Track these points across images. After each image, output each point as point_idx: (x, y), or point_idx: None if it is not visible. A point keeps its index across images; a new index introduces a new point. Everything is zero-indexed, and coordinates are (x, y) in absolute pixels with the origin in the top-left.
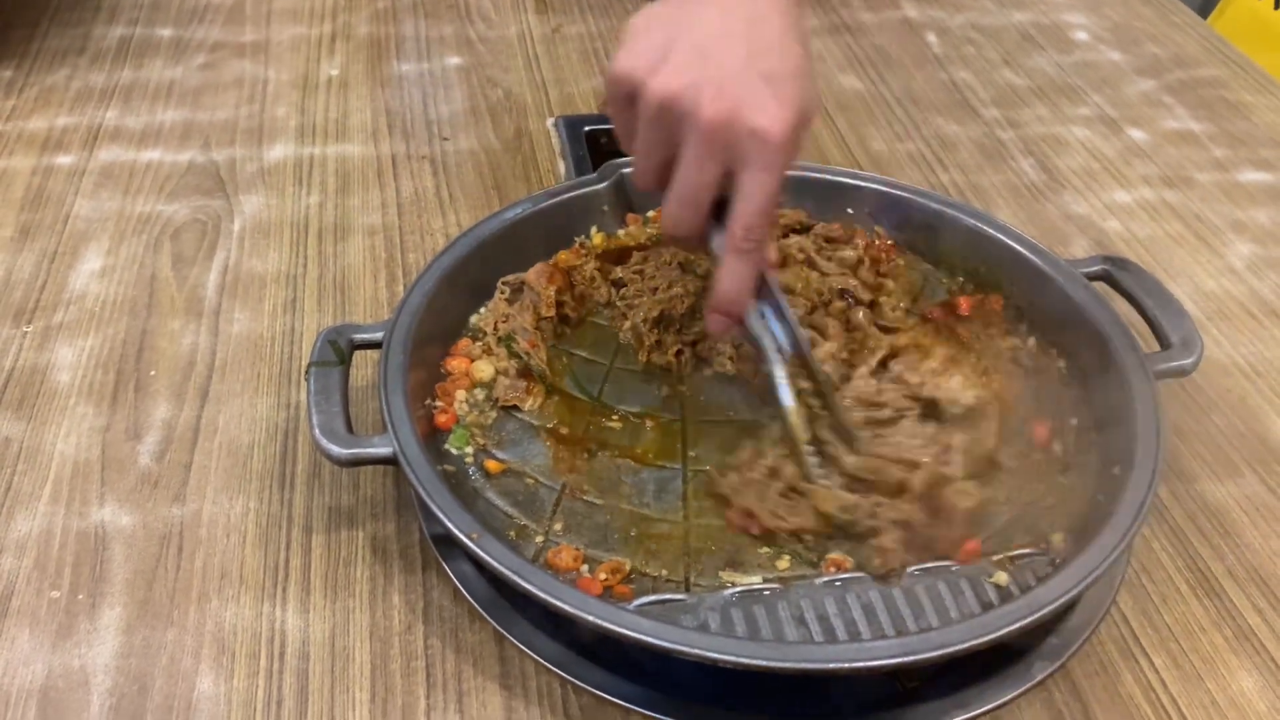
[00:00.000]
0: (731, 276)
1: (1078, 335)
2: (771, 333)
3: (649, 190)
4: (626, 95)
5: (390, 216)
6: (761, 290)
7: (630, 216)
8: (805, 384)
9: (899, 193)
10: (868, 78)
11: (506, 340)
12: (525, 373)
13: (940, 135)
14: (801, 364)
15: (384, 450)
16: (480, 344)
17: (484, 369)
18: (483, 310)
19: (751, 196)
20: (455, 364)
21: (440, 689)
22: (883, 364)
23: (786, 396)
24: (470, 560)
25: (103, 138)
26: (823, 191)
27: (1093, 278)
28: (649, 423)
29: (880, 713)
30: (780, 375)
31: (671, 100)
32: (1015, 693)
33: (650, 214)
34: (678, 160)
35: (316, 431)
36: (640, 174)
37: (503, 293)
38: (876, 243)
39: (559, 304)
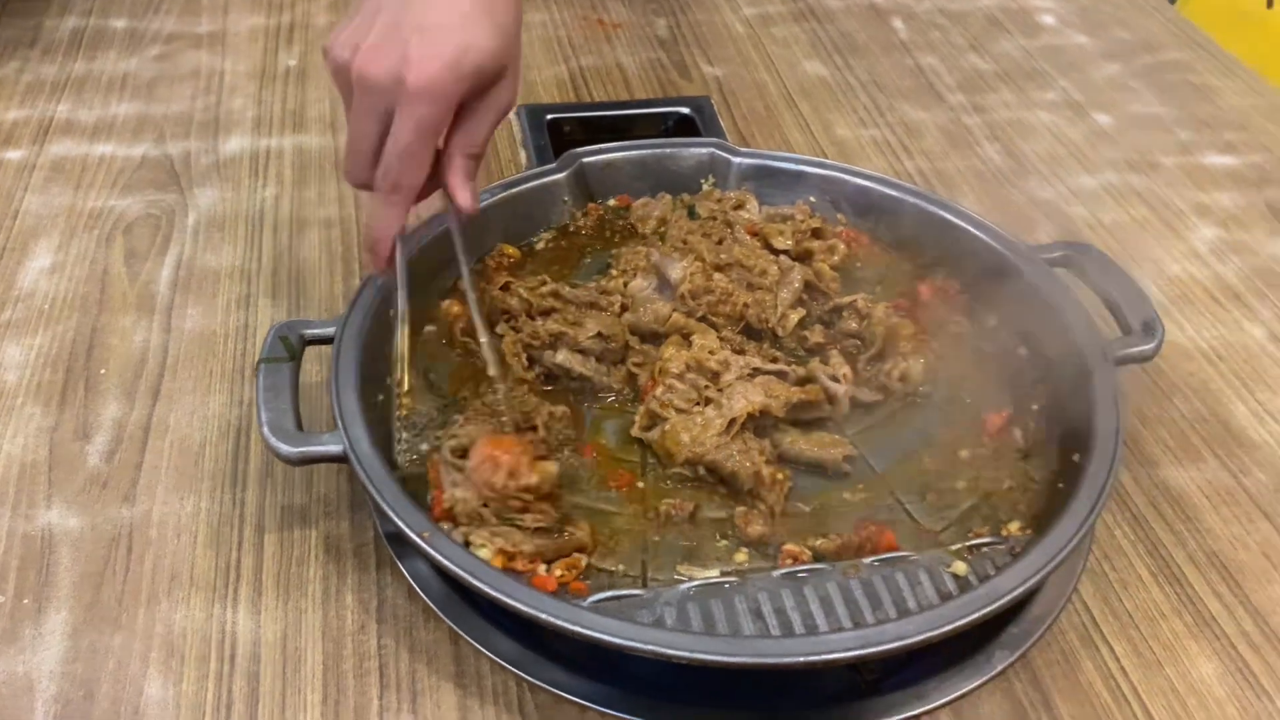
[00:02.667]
0: (373, 217)
1: (1039, 321)
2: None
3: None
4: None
5: (348, 209)
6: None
7: (591, 206)
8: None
9: (860, 180)
10: (833, 64)
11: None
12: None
13: (906, 121)
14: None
15: (334, 448)
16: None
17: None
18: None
19: (393, 141)
20: None
21: (394, 689)
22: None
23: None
24: (424, 559)
25: (54, 132)
26: (784, 179)
27: (1055, 264)
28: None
29: (840, 705)
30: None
31: (338, 67)
32: (975, 684)
33: (612, 200)
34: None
35: (265, 429)
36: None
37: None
38: (842, 230)
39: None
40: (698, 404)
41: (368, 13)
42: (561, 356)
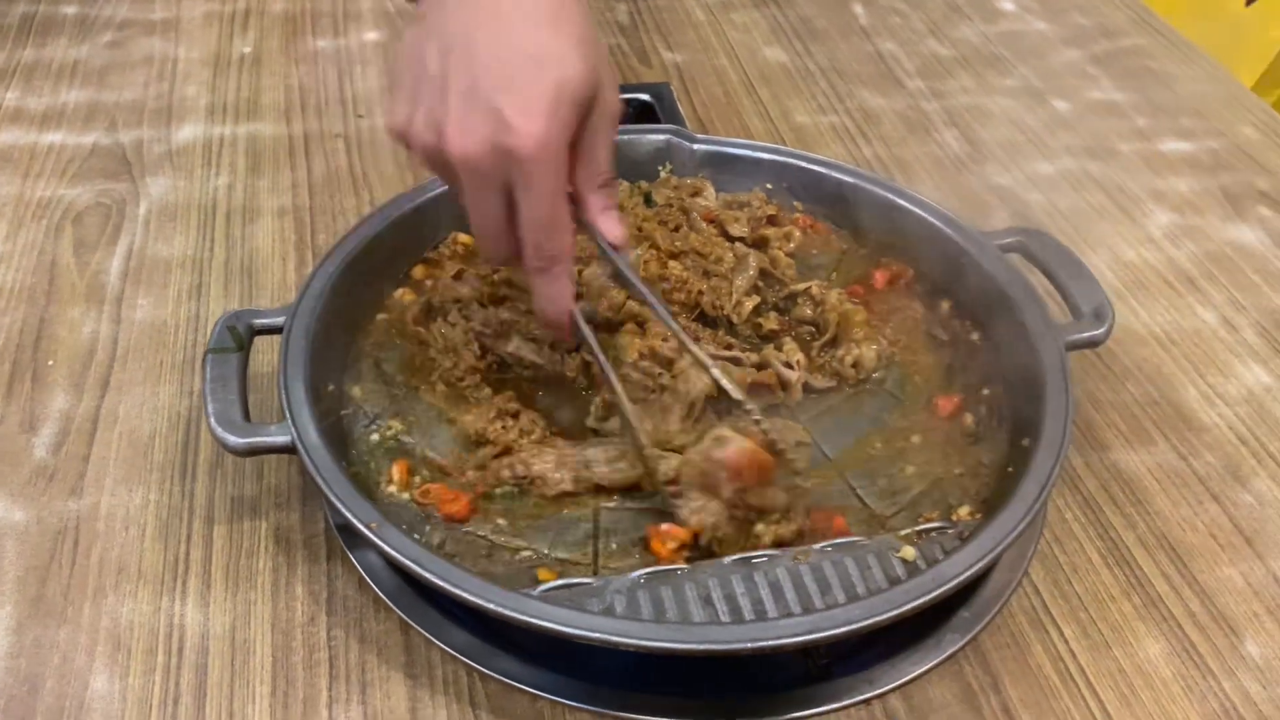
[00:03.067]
0: (540, 296)
1: (991, 307)
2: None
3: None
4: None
5: (301, 197)
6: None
7: None
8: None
9: (816, 167)
10: (793, 49)
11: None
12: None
13: (864, 108)
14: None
15: (282, 439)
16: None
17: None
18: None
19: (527, 216)
20: None
21: (343, 680)
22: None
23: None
24: (376, 551)
25: (1, 120)
26: (742, 166)
27: (1007, 249)
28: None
29: (791, 691)
30: (613, 378)
31: (429, 152)
32: (925, 667)
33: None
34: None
35: (212, 420)
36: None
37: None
38: (798, 217)
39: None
40: (653, 392)
41: (432, 78)
42: (513, 345)
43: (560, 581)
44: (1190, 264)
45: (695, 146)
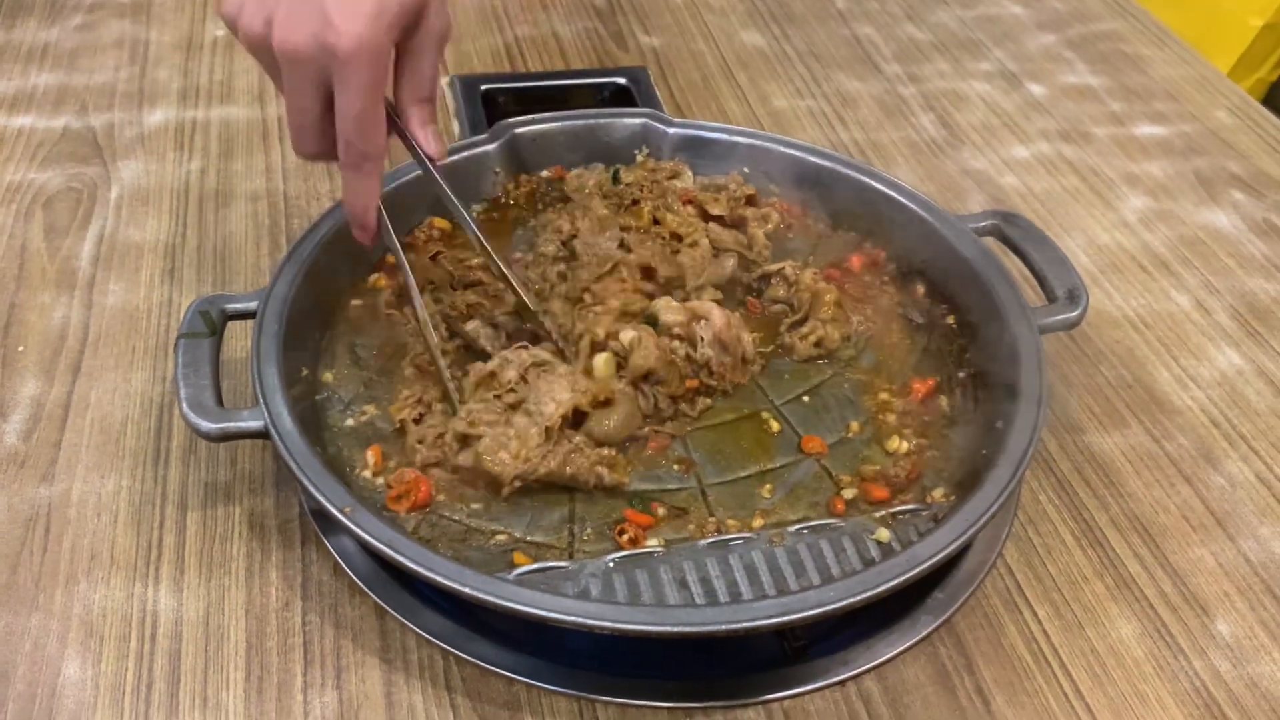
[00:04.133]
0: (347, 191)
1: (966, 290)
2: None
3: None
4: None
5: (275, 182)
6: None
7: (522, 178)
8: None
9: (792, 151)
10: (770, 34)
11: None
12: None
13: (842, 92)
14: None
15: (255, 424)
16: None
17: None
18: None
19: (342, 112)
20: None
21: (318, 665)
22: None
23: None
24: (350, 535)
25: None
26: (717, 150)
27: (982, 233)
28: None
29: (768, 673)
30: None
31: (255, 40)
32: (900, 648)
33: (545, 172)
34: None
35: (184, 406)
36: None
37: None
38: (775, 201)
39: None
40: (507, 411)
41: None
42: (471, 326)
43: (535, 565)
44: (1164, 247)
45: (671, 130)
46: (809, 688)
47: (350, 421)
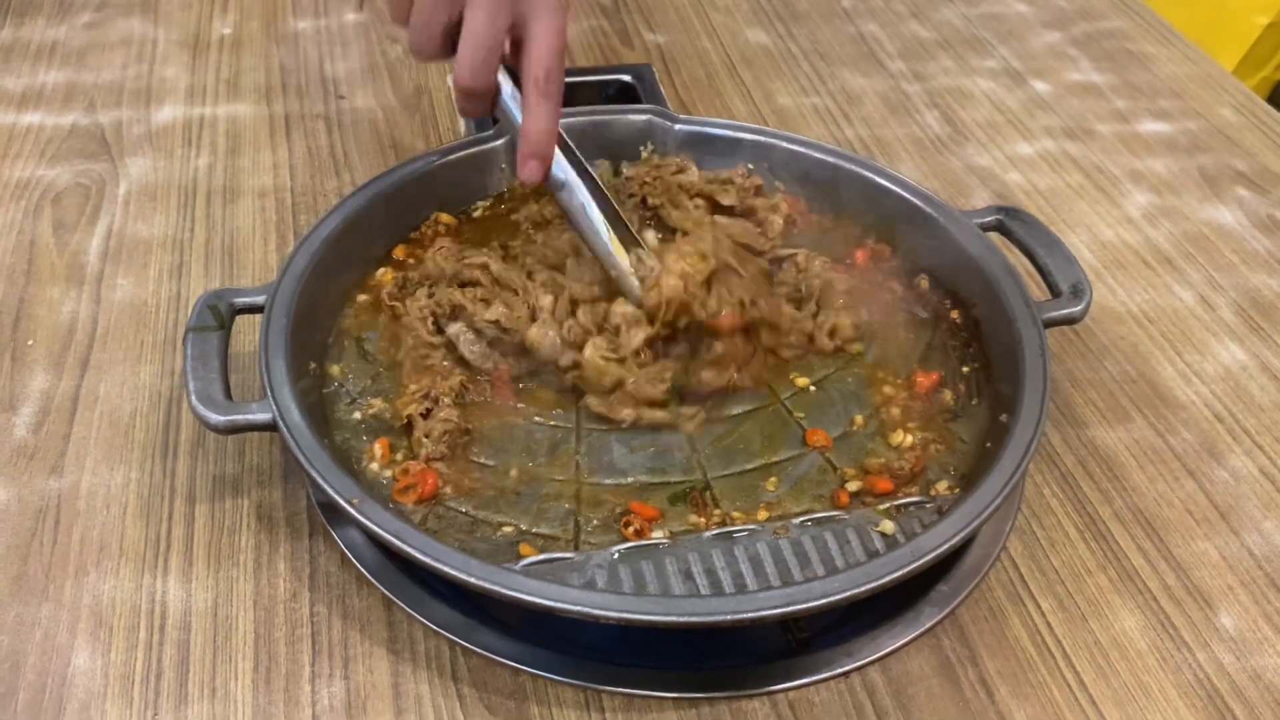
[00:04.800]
0: (538, 119)
1: (970, 284)
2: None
3: (430, 58)
4: None
5: (282, 178)
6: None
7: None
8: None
9: (797, 147)
10: (775, 31)
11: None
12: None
13: (846, 89)
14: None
15: (263, 416)
16: None
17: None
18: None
19: (545, 39)
20: None
21: (326, 656)
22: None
23: (598, 218)
24: (357, 526)
25: None
26: (722, 146)
27: (987, 228)
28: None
29: (772, 664)
30: (589, 202)
31: None
32: (904, 640)
33: None
34: (466, 17)
35: (193, 398)
36: (423, 39)
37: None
38: (782, 197)
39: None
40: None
41: None
42: (453, 330)
43: (542, 556)
44: (1168, 244)
45: (676, 127)
46: (813, 679)
47: (357, 415)
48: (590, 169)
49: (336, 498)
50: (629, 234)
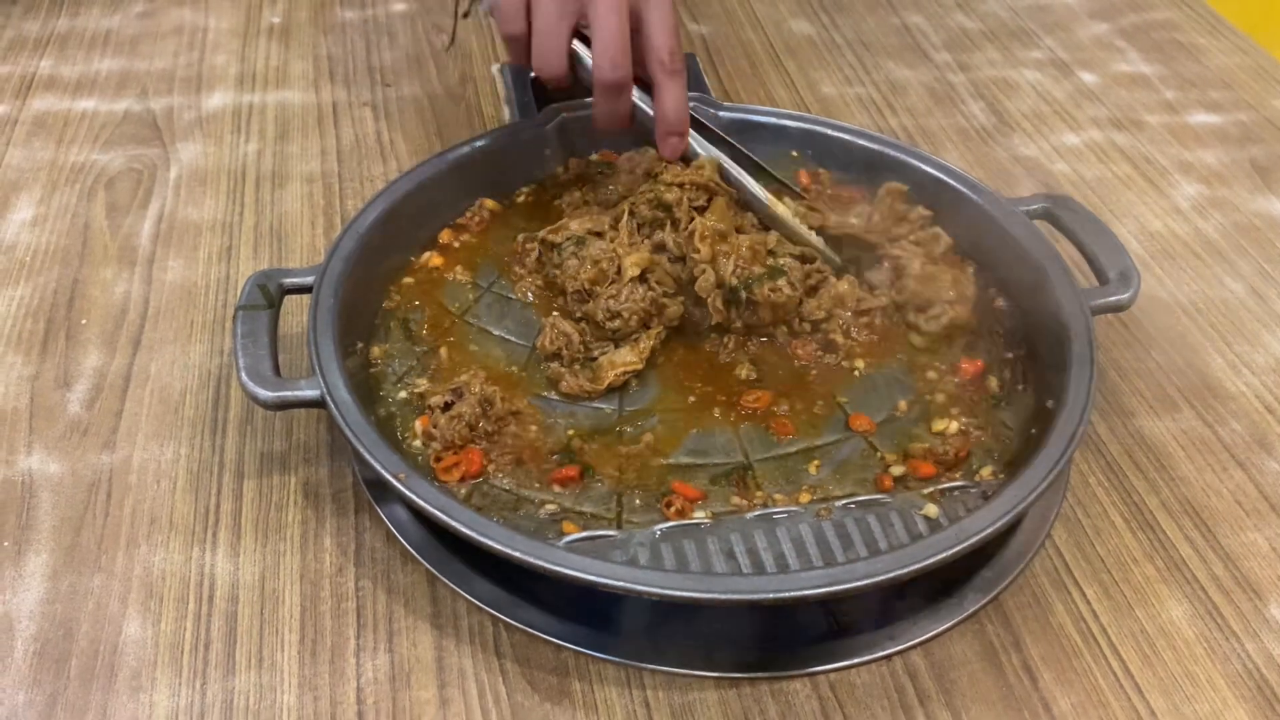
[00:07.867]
0: (672, 97)
1: (1017, 271)
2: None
3: (555, 71)
4: None
5: (330, 164)
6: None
7: (572, 160)
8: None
9: (842, 134)
10: (819, 22)
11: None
12: None
13: (890, 79)
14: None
15: (311, 393)
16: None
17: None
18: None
19: (662, 22)
20: None
21: (370, 629)
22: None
23: (761, 192)
24: (402, 502)
25: (36, 87)
26: (767, 134)
27: (1034, 216)
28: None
29: (814, 646)
30: (733, 165)
31: None
32: (947, 625)
33: (594, 155)
34: (592, 17)
35: (243, 375)
36: (549, 47)
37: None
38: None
39: None
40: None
41: None
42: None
43: (585, 533)
44: (1218, 235)
45: (721, 114)
46: (855, 661)
47: (403, 394)
48: (721, 134)
49: (383, 472)
50: (781, 185)
